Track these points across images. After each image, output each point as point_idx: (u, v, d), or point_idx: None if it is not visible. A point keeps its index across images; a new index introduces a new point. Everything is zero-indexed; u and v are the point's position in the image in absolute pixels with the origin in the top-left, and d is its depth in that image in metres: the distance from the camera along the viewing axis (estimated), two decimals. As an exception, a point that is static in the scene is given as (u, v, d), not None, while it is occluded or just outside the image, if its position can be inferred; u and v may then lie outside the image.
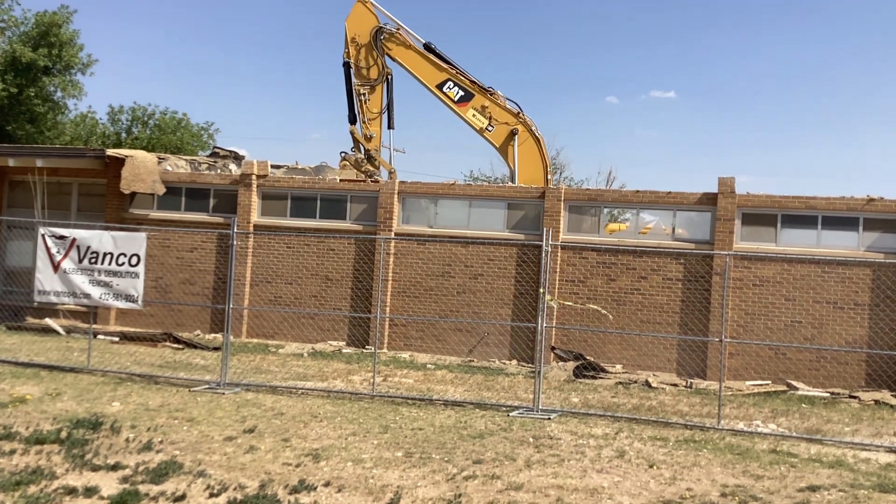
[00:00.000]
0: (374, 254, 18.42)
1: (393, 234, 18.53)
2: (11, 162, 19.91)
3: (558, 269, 17.47)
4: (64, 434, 9.20)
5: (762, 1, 74.58)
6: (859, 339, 15.96)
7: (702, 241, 17.15)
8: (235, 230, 13.56)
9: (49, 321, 18.75)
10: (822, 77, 75.22)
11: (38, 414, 10.31)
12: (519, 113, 20.12)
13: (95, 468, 8.02)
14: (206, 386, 12.76)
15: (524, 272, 17.74)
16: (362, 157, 20.81)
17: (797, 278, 16.39)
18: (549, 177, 20.08)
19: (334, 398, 12.42)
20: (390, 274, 18.45)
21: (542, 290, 12.70)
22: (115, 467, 8.06)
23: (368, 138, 20.79)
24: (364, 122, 20.81)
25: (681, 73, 77.34)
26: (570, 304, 17.07)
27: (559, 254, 17.43)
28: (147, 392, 12.17)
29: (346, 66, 20.75)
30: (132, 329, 18.97)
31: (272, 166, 20.46)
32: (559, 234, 17.56)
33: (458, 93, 20.20)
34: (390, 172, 20.93)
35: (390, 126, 21.05)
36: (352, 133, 20.95)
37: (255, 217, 19.61)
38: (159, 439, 9.26)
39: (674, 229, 17.49)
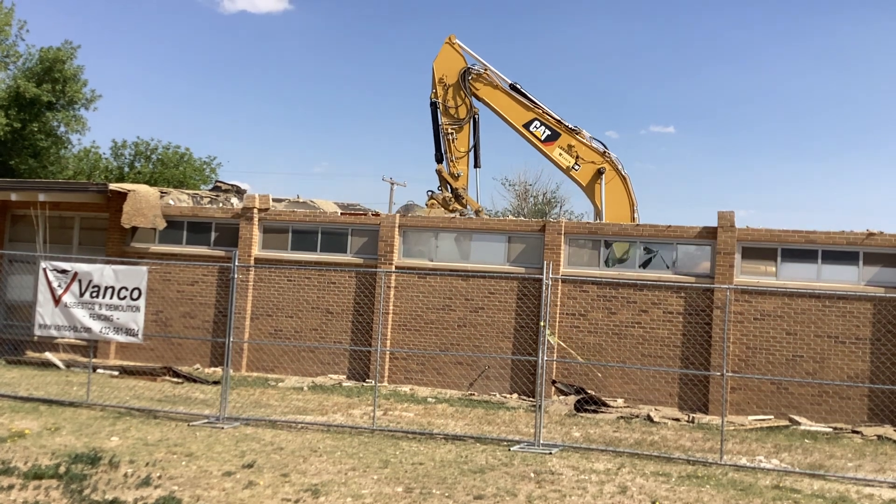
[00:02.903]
0: (375, 287, 18.43)
1: (394, 267, 18.56)
2: (14, 196, 19.99)
3: (559, 303, 17.47)
4: (62, 469, 9.14)
5: (762, 37, 75.39)
6: (861, 374, 15.90)
7: (702, 275, 17.17)
8: (236, 263, 13.58)
9: (49, 355, 18.70)
10: (822, 112, 75.77)
11: (37, 448, 10.26)
12: (605, 152, 20.25)
13: (93, 504, 7.97)
14: (206, 420, 12.70)
15: (525, 305, 17.74)
16: (450, 195, 21.00)
17: (798, 312, 16.37)
18: (635, 215, 20.03)
19: (334, 432, 12.35)
20: (391, 307, 18.45)
21: (542, 324, 12.68)
22: (113, 503, 8.00)
23: (456, 177, 21.01)
24: (451, 161, 21.09)
25: (680, 109, 77.99)
26: (568, 350, 17.04)
27: (560, 287, 17.44)
28: (146, 426, 12.11)
29: (434, 105, 21.09)
30: (132, 363, 18.92)
31: (274, 200, 20.56)
32: (560, 268, 17.59)
33: (544, 132, 20.42)
34: (477, 211, 21.05)
35: (476, 165, 21.36)
36: (439, 172, 21.21)
37: (257, 250, 19.66)
38: (158, 474, 9.20)
39: (674, 262, 17.51)
